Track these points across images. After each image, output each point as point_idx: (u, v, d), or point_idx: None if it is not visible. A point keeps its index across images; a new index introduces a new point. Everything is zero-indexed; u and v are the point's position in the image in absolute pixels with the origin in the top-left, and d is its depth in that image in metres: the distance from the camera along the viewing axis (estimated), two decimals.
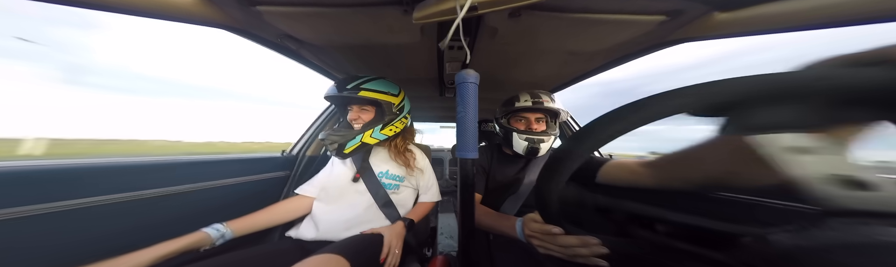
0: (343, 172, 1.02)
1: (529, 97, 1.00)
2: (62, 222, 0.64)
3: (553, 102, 0.99)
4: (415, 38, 0.84)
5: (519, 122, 1.04)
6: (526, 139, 0.96)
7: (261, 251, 0.79)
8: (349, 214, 0.93)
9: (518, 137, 0.98)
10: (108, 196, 0.71)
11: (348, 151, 0.90)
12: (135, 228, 0.76)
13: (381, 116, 0.94)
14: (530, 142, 0.96)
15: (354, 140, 0.89)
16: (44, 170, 0.63)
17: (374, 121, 0.94)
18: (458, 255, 0.50)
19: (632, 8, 0.66)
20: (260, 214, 0.89)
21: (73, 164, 0.68)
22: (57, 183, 0.64)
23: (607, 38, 0.81)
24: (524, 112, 1.02)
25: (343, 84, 0.91)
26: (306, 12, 0.68)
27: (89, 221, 0.68)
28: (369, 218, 0.95)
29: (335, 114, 1.46)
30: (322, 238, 0.88)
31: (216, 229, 0.76)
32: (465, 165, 0.46)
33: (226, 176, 1.02)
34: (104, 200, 0.70)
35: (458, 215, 0.46)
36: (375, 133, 0.92)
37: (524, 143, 0.97)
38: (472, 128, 0.45)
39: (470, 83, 0.45)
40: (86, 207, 0.67)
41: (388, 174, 1.02)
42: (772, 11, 0.61)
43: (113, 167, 0.74)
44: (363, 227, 0.91)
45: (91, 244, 0.68)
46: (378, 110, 0.95)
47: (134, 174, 0.77)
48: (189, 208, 0.90)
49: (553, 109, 0.99)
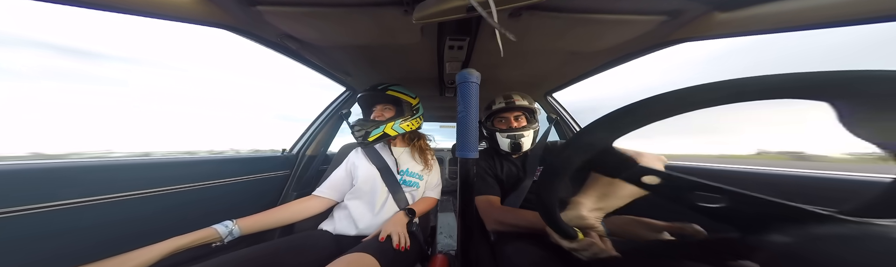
0: (370, 170, 1.07)
1: (502, 99, 1.10)
2: (65, 220, 0.64)
3: (524, 100, 1.08)
4: (415, 38, 0.84)
5: (501, 123, 1.11)
6: (508, 136, 1.04)
7: (300, 241, 0.84)
8: (378, 209, 0.99)
9: (501, 136, 1.06)
10: (109, 195, 0.71)
11: (372, 139, 1.03)
12: (136, 226, 0.76)
13: (400, 114, 1.09)
14: (512, 138, 1.04)
15: (378, 129, 1.03)
16: (48, 168, 0.63)
17: (394, 116, 1.08)
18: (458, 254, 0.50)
19: (632, 8, 0.66)
20: (269, 213, 0.91)
21: (75, 163, 0.68)
22: (61, 181, 0.64)
23: (607, 38, 0.81)
24: (502, 113, 1.10)
25: (373, 87, 1.09)
26: (307, 12, 0.69)
27: (90, 219, 0.68)
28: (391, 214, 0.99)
29: (335, 114, 1.46)
30: (361, 233, 0.94)
31: (225, 226, 0.77)
32: (465, 165, 0.46)
33: (226, 175, 1.03)
34: (105, 199, 0.70)
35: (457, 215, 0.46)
36: (396, 126, 1.06)
37: (507, 140, 1.05)
38: (472, 127, 0.45)
39: (471, 82, 0.45)
40: (87, 206, 0.67)
41: (408, 172, 1.08)
42: (771, 11, 0.61)
43: (113, 166, 0.74)
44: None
45: (93, 241, 0.69)
46: (398, 109, 1.10)
47: (135, 173, 0.77)
48: (190, 207, 0.90)
49: (525, 107, 1.07)
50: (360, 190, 1.04)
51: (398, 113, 1.10)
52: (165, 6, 0.63)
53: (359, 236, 0.92)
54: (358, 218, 0.97)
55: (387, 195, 1.03)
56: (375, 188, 1.03)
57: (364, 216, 0.98)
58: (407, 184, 1.06)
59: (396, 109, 1.11)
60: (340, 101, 1.50)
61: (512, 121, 1.08)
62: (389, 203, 1.01)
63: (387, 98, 1.09)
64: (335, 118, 1.48)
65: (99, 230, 0.70)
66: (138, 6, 0.62)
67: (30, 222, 0.59)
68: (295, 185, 1.33)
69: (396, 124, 1.06)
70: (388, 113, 1.10)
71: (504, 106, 1.07)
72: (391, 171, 1.06)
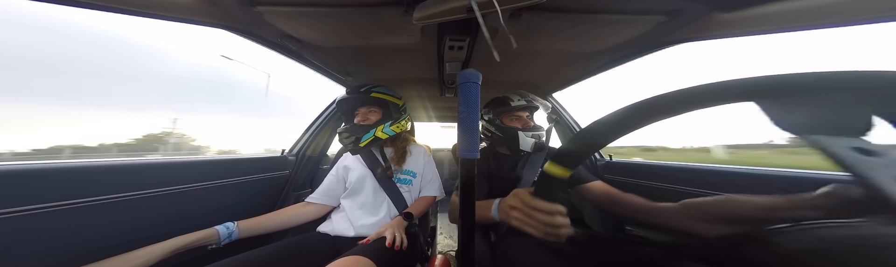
0: (362, 172, 1.07)
1: (520, 97, 1.09)
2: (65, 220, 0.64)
3: (537, 101, 1.10)
4: (415, 38, 0.84)
5: (515, 121, 1.10)
6: (532, 136, 1.03)
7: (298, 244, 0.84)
8: (374, 210, 1.00)
9: (524, 135, 1.03)
10: (108, 195, 0.71)
11: (363, 145, 1.00)
12: (135, 227, 0.76)
13: (388, 115, 1.06)
14: (537, 138, 1.04)
15: (368, 134, 1.00)
16: (48, 169, 0.63)
17: (383, 120, 1.05)
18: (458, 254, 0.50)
19: (632, 8, 0.66)
20: (268, 216, 0.93)
21: (75, 163, 0.68)
22: (61, 182, 0.64)
23: (608, 38, 0.81)
24: (520, 111, 1.09)
25: (355, 89, 1.05)
26: (307, 12, 0.68)
27: (90, 219, 0.68)
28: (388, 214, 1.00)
29: (334, 114, 1.46)
30: (359, 234, 0.93)
31: (226, 227, 0.78)
32: (465, 165, 0.45)
33: (226, 176, 1.02)
34: (105, 199, 0.70)
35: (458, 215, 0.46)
36: (386, 129, 1.03)
37: (531, 140, 1.03)
38: (473, 128, 0.45)
39: (472, 83, 0.45)
40: (87, 206, 0.67)
41: (402, 170, 1.08)
42: (771, 11, 0.61)
43: (113, 167, 0.74)
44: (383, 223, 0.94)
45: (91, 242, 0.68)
46: (385, 111, 1.07)
47: (134, 174, 0.77)
48: (189, 208, 0.90)
49: (537, 107, 1.09)
50: (354, 192, 1.04)
51: (386, 115, 1.06)
52: (166, 7, 0.63)
53: (357, 238, 0.92)
54: (355, 219, 0.97)
55: (383, 195, 1.02)
56: (370, 189, 1.03)
57: (361, 217, 0.98)
58: (401, 182, 1.05)
59: (383, 112, 1.07)
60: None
61: (525, 120, 1.09)
62: (386, 203, 1.01)
63: (371, 100, 1.05)
64: (335, 119, 1.48)
65: (99, 231, 0.70)
66: (139, 7, 0.62)
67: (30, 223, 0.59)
68: (294, 185, 1.33)
69: (386, 127, 1.03)
70: (373, 116, 1.06)
71: (524, 104, 1.06)
72: (384, 171, 1.05)
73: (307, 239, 0.89)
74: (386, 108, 1.07)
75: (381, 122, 1.03)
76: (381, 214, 0.99)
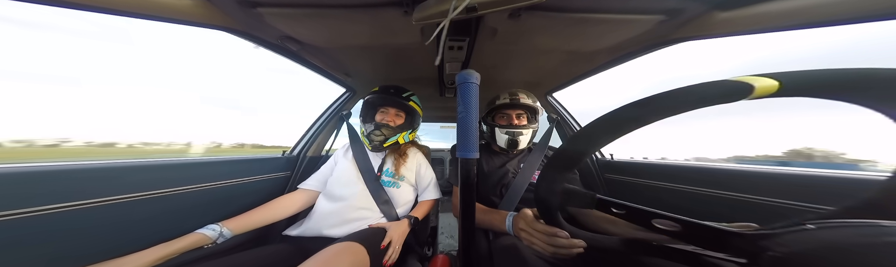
0: (347, 170, 1.05)
1: (508, 95, 1.08)
2: (63, 223, 0.64)
3: (529, 99, 1.06)
4: (415, 38, 0.84)
5: (501, 119, 1.10)
6: (506, 133, 1.04)
7: (258, 254, 0.79)
8: (351, 210, 0.96)
9: (499, 132, 1.06)
10: (109, 197, 0.71)
11: (386, 146, 1.06)
12: (136, 229, 0.76)
13: (410, 124, 1.14)
14: (510, 135, 1.04)
15: (394, 137, 1.05)
16: (46, 171, 0.63)
17: (405, 126, 1.12)
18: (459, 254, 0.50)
19: (631, 7, 0.66)
20: (255, 211, 0.91)
21: (75, 164, 0.68)
22: (58, 183, 0.64)
23: (607, 38, 0.82)
24: (505, 109, 1.09)
25: (398, 92, 1.08)
26: (307, 14, 0.69)
27: (89, 221, 0.68)
28: (367, 215, 0.97)
29: (334, 115, 1.46)
30: (325, 234, 0.89)
31: (212, 230, 0.77)
32: (465, 165, 0.46)
33: (227, 177, 1.02)
34: (104, 201, 0.70)
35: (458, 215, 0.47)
36: (406, 136, 1.10)
37: (505, 136, 1.04)
38: (472, 128, 0.45)
39: (471, 83, 0.45)
40: (87, 208, 0.67)
41: (387, 172, 1.06)
42: (771, 10, 0.61)
43: (113, 168, 0.74)
44: (362, 223, 0.93)
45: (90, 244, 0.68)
46: (409, 119, 1.14)
47: (134, 175, 0.77)
48: (190, 209, 0.90)
49: (529, 105, 1.05)
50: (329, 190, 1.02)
51: (408, 123, 1.13)
52: (166, 9, 0.64)
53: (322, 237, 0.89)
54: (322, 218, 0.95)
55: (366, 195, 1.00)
56: (354, 186, 1.01)
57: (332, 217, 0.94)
58: (386, 184, 1.04)
59: (407, 119, 1.14)
60: (341, 102, 1.50)
61: (513, 118, 1.08)
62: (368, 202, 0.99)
63: (403, 106, 1.08)
64: (336, 119, 1.48)
65: (99, 232, 0.70)
66: (139, 9, 0.62)
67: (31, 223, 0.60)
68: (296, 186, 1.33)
69: (407, 135, 1.10)
70: (399, 120, 1.11)
71: (508, 102, 1.05)
72: (374, 172, 1.05)
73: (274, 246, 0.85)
74: (412, 116, 1.13)
75: (404, 129, 1.08)
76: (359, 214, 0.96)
